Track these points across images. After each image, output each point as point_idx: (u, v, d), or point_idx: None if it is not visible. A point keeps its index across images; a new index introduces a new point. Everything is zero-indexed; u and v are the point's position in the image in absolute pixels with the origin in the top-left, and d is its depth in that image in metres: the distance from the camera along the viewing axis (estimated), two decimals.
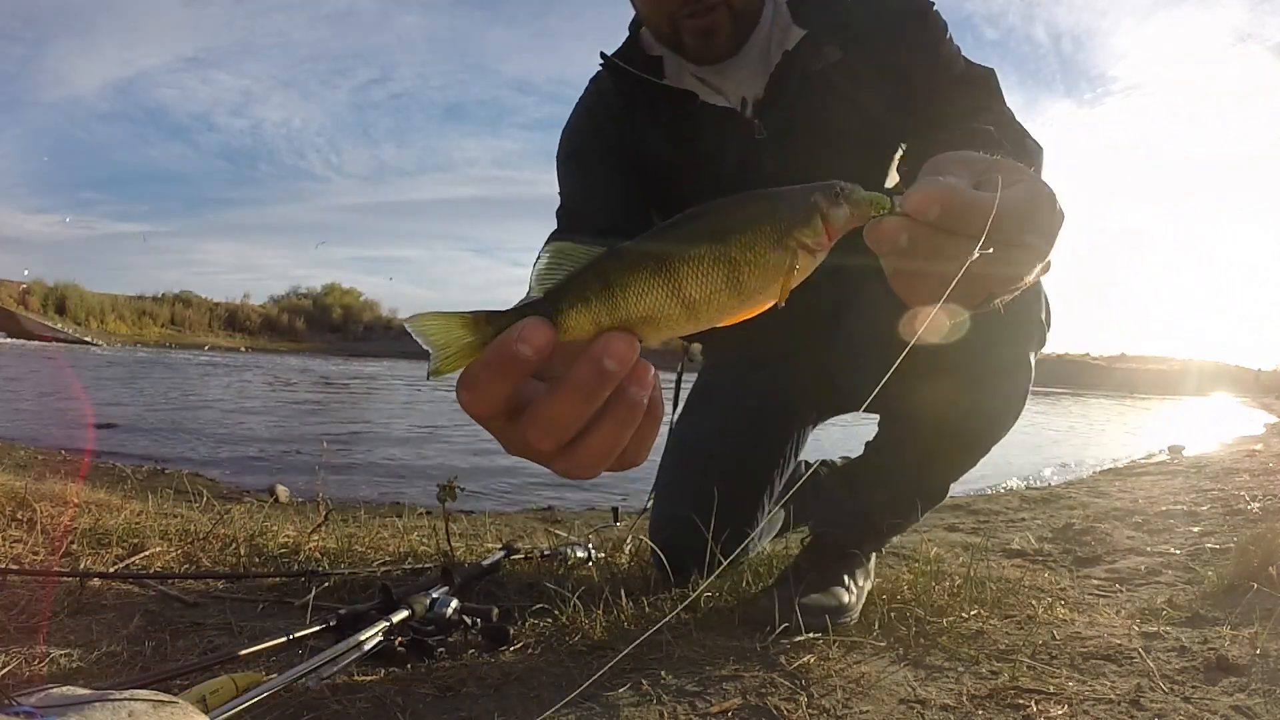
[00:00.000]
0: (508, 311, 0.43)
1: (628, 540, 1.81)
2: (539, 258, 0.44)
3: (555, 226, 1.26)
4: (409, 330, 0.42)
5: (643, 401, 0.43)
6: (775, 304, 0.45)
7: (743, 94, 1.23)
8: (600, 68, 1.30)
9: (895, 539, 1.56)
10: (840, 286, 1.21)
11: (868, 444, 1.36)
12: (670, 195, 1.29)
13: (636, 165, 1.27)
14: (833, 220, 0.45)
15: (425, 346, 0.42)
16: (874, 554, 1.41)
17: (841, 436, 2.06)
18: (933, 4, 1.19)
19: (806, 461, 1.82)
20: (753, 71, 1.22)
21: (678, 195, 1.28)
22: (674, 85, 1.22)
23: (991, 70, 1.15)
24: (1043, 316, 1.12)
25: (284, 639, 1.04)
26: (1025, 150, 0.98)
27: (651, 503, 1.59)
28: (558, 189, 1.30)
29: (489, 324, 0.42)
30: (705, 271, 0.43)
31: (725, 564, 1.52)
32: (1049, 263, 0.49)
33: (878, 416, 1.30)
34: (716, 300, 0.44)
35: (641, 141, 1.26)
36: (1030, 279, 0.51)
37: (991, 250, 0.45)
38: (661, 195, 1.30)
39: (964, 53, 1.19)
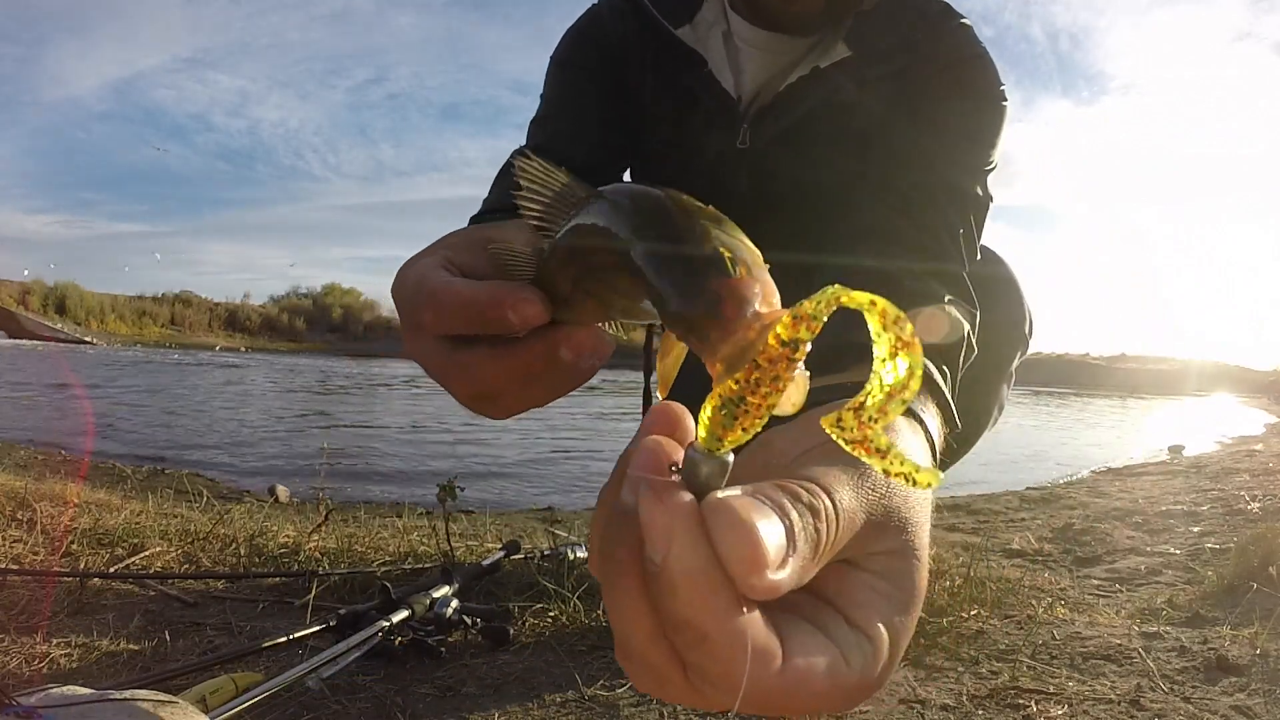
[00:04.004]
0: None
1: None
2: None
3: (526, 141, 1.09)
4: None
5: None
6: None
7: (752, 87, 1.05)
8: None
9: None
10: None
11: None
12: (640, 145, 1.13)
13: (623, 95, 1.10)
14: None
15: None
16: None
17: None
18: (1002, 86, 0.95)
19: None
20: (775, 69, 1.04)
21: (644, 151, 1.13)
22: (687, 40, 1.04)
23: (990, 199, 0.92)
24: (1026, 330, 1.15)
25: (284, 639, 1.04)
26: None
27: None
28: (541, 92, 1.14)
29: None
30: None
31: None
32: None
33: None
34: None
35: (638, 75, 1.09)
36: None
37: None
38: (634, 139, 1.13)
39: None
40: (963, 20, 0.99)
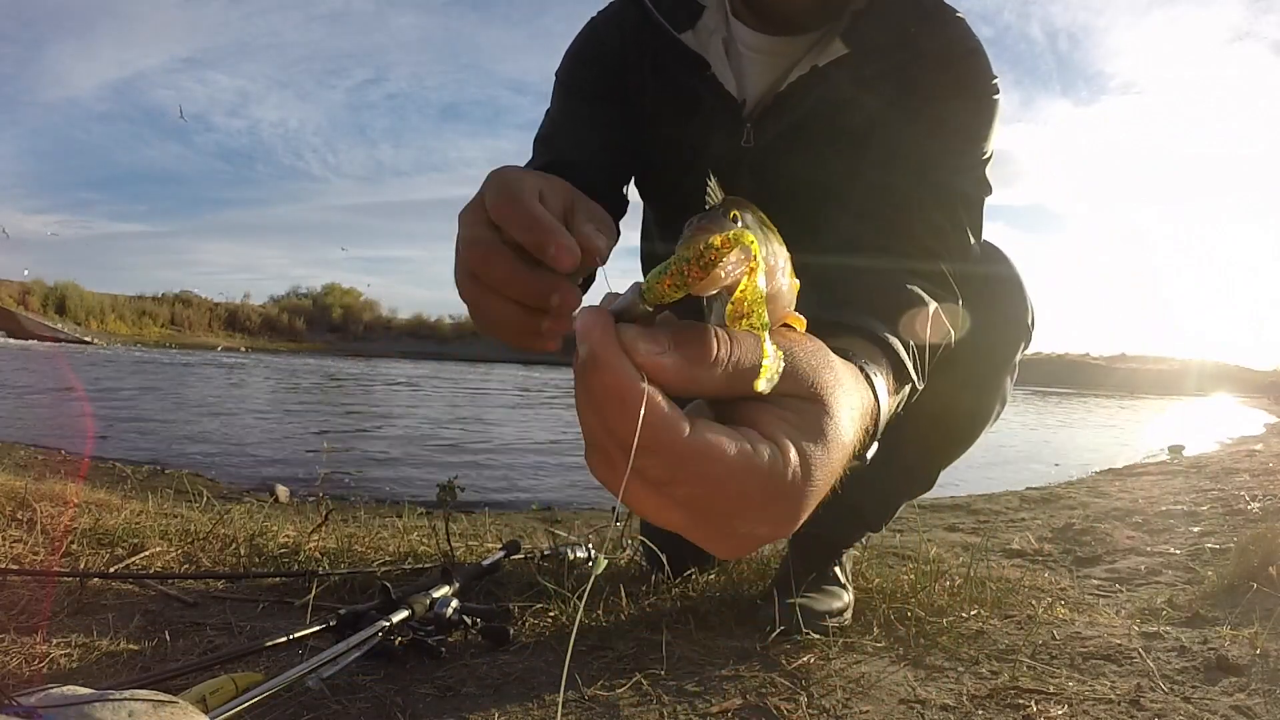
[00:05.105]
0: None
1: (627, 543, 1.81)
2: None
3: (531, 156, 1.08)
4: None
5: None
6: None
7: (754, 89, 1.07)
8: None
9: (886, 533, 1.57)
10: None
11: None
12: (642, 145, 1.14)
13: (624, 98, 1.11)
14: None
15: None
16: (856, 545, 1.46)
17: None
18: (995, 80, 0.98)
19: None
20: (776, 71, 1.06)
21: (647, 151, 1.14)
22: (690, 45, 1.05)
23: (988, 189, 0.95)
24: (1029, 321, 1.15)
25: (284, 639, 1.04)
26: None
27: None
28: (547, 107, 1.15)
29: None
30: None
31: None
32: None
33: None
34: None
35: (638, 81, 1.11)
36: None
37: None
38: (636, 140, 1.14)
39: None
40: (957, 14, 1.01)
